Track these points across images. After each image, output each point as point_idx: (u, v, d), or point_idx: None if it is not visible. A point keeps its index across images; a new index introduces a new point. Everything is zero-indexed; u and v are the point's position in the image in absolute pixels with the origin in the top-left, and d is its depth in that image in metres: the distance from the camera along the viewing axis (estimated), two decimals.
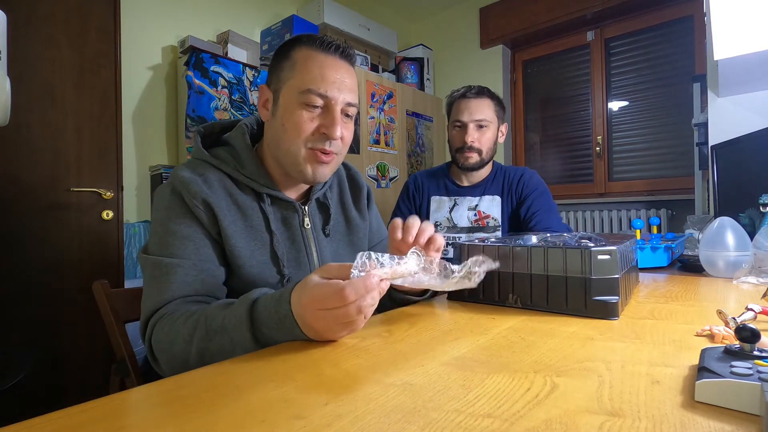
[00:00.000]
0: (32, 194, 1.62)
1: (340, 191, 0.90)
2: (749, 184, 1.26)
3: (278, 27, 2.50)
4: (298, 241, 0.78)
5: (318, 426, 0.30)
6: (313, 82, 0.70)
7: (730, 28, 1.21)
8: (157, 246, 0.68)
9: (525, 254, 0.65)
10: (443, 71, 3.49)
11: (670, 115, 2.67)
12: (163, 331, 0.60)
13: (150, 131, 2.20)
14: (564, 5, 2.88)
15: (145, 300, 0.66)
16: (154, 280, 0.65)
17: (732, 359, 0.35)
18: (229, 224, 0.70)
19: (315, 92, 0.70)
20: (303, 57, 0.72)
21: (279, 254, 0.73)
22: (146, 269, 0.67)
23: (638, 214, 2.65)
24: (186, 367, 0.54)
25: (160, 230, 0.69)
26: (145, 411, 0.35)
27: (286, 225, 0.78)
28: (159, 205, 0.71)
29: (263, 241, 0.73)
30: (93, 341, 1.72)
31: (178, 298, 0.64)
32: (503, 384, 0.37)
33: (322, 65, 0.72)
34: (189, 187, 0.68)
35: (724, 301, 0.70)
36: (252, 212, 0.74)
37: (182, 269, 0.65)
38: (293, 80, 0.72)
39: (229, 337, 0.54)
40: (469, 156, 1.36)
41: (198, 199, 0.68)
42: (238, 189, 0.74)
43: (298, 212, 0.79)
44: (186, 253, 0.66)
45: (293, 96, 0.71)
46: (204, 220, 0.69)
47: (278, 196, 0.76)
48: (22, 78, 1.57)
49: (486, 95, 1.38)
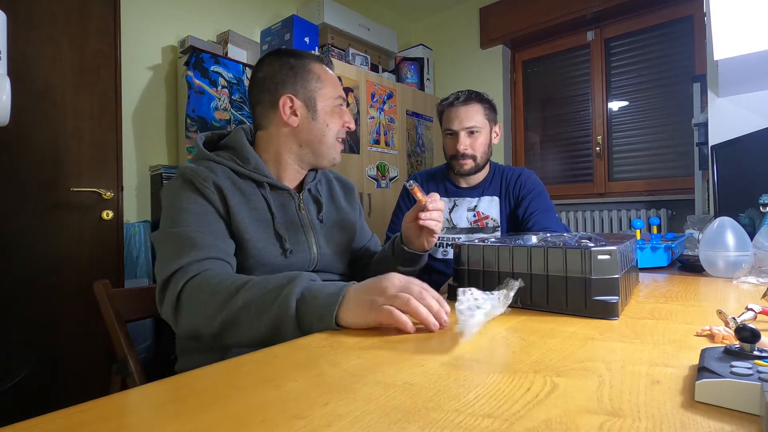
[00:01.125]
0: (32, 194, 1.62)
1: (329, 187, 1.02)
2: (749, 184, 1.26)
3: (278, 27, 2.50)
4: (296, 222, 0.87)
5: (318, 426, 0.30)
6: (338, 91, 0.91)
7: (730, 28, 1.21)
8: (171, 223, 0.74)
9: (525, 254, 0.65)
10: (443, 71, 3.49)
11: (670, 115, 2.67)
12: (211, 283, 0.65)
13: (150, 131, 2.20)
14: (564, 5, 2.88)
15: (164, 263, 0.70)
16: (174, 245, 0.71)
17: (732, 359, 0.35)
18: (236, 203, 0.78)
19: (341, 97, 0.91)
20: (322, 72, 0.90)
21: (281, 232, 0.83)
22: (163, 241, 0.73)
23: (638, 214, 2.65)
24: (212, 322, 0.62)
25: (171, 213, 0.75)
26: (145, 411, 0.35)
27: (284, 209, 0.87)
28: (169, 194, 0.78)
29: (266, 221, 0.83)
30: (93, 341, 1.72)
31: (203, 259, 0.70)
32: (503, 384, 0.37)
33: (334, 78, 0.93)
34: (199, 173, 0.77)
35: (724, 301, 0.70)
36: (254, 197, 0.83)
37: (201, 234, 0.72)
38: (324, 90, 0.89)
39: (274, 312, 0.59)
40: (463, 163, 1.36)
41: (208, 182, 0.77)
42: (240, 179, 0.83)
43: (294, 199, 0.89)
44: (200, 225, 0.74)
45: (329, 102, 0.89)
46: (214, 200, 0.77)
47: (277, 185, 0.86)
48: (22, 78, 1.57)
49: (474, 100, 1.36)
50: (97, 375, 1.73)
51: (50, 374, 1.64)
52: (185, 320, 0.66)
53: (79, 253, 1.72)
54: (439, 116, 1.44)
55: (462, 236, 1.39)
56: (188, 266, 0.69)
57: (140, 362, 0.78)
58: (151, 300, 0.85)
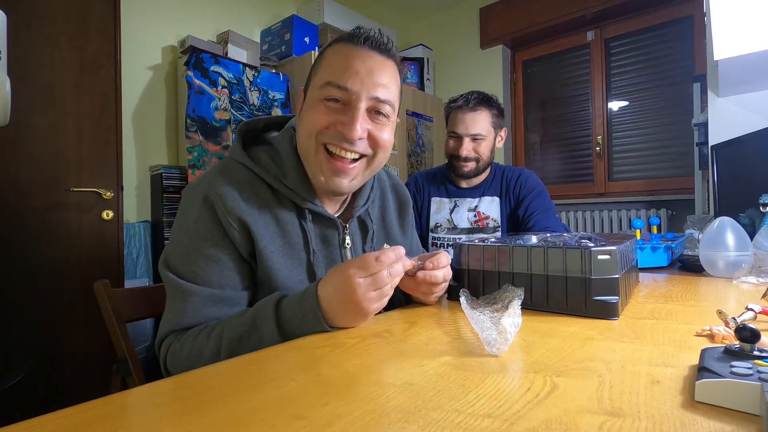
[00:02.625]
0: (32, 194, 1.62)
1: (382, 205, 0.83)
2: (749, 184, 1.26)
3: (278, 27, 2.50)
4: (336, 261, 0.72)
5: (318, 426, 0.30)
6: (332, 74, 0.64)
7: (730, 28, 1.21)
8: (180, 262, 0.64)
9: (525, 254, 0.65)
10: (443, 71, 3.49)
11: (670, 115, 2.67)
12: (183, 350, 0.61)
13: (150, 131, 2.20)
14: (564, 5, 2.88)
15: (165, 316, 0.66)
16: (172, 301, 0.64)
17: (732, 359, 0.35)
18: (267, 244, 0.65)
19: (334, 84, 0.63)
20: (333, 52, 0.67)
21: (318, 275, 0.69)
22: (167, 285, 0.65)
23: (638, 214, 2.65)
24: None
25: (186, 242, 0.64)
26: (145, 411, 0.35)
27: (325, 243, 0.72)
28: (188, 213, 0.65)
29: (301, 259, 0.69)
30: (93, 341, 1.72)
31: (192, 326, 0.63)
32: (503, 384, 0.37)
33: (348, 56, 0.64)
34: (225, 203, 0.63)
35: (724, 301, 0.70)
36: (291, 228, 0.68)
37: (199, 300, 0.62)
38: (317, 76, 0.67)
39: (258, 336, 0.57)
40: (464, 165, 1.37)
41: (233, 217, 0.63)
42: (277, 202, 0.68)
43: (338, 230, 0.73)
44: (207, 276, 0.63)
45: (314, 91, 0.66)
46: (237, 240, 0.64)
47: (320, 212, 0.70)
48: (22, 78, 1.57)
49: (483, 106, 1.35)
50: (97, 375, 1.73)
51: (50, 374, 1.64)
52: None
53: (79, 253, 1.72)
54: (446, 116, 1.44)
55: (463, 236, 1.39)
56: (172, 335, 0.64)
57: (140, 362, 0.78)
58: (151, 300, 0.85)
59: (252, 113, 2.31)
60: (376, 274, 0.54)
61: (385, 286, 0.55)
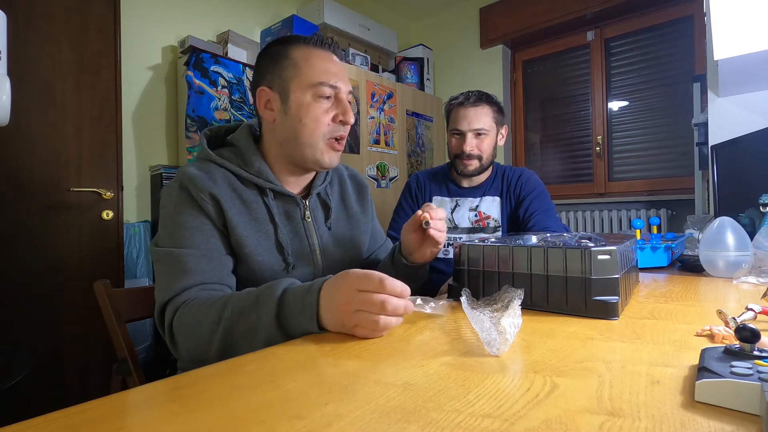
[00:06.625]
0: (32, 194, 1.62)
1: (341, 188, 0.94)
2: (749, 184, 1.26)
3: (278, 27, 2.50)
4: (300, 233, 0.82)
5: (318, 426, 0.30)
6: (322, 76, 0.76)
7: (730, 28, 1.21)
8: (168, 238, 0.71)
9: (525, 254, 0.65)
10: (443, 71, 3.49)
11: (670, 115, 2.67)
12: (190, 314, 0.63)
13: (150, 131, 2.20)
14: (564, 5, 2.88)
15: (159, 288, 0.70)
16: (168, 269, 0.69)
17: (732, 359, 0.35)
18: (234, 215, 0.73)
19: (326, 84, 0.76)
20: (304, 55, 0.77)
21: (283, 244, 0.77)
22: (159, 260, 0.71)
23: (638, 214, 2.65)
24: (208, 349, 0.61)
25: (169, 224, 0.72)
26: (145, 411, 0.35)
27: (288, 218, 0.81)
28: (167, 201, 0.74)
29: (267, 232, 0.77)
30: (93, 341, 1.72)
31: (193, 286, 0.68)
32: (503, 384, 0.37)
33: (324, 60, 0.78)
34: (196, 182, 0.72)
35: (724, 301, 0.70)
36: (256, 206, 0.77)
37: (193, 258, 0.69)
38: (300, 77, 0.76)
39: (257, 315, 0.58)
40: (468, 163, 1.36)
41: (205, 193, 0.72)
42: (242, 185, 0.77)
43: (299, 206, 0.82)
44: (195, 243, 0.70)
45: (305, 91, 0.76)
46: (211, 213, 0.72)
47: (281, 191, 0.80)
48: (22, 78, 1.57)
49: (484, 102, 1.36)
50: (97, 375, 1.73)
51: (50, 374, 1.64)
52: (183, 351, 0.66)
53: (79, 253, 1.72)
54: (447, 114, 1.43)
55: (463, 236, 1.39)
56: (177, 297, 0.67)
57: (140, 362, 0.78)
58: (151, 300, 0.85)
59: (252, 113, 2.31)
60: (372, 294, 0.51)
61: (375, 312, 0.51)
